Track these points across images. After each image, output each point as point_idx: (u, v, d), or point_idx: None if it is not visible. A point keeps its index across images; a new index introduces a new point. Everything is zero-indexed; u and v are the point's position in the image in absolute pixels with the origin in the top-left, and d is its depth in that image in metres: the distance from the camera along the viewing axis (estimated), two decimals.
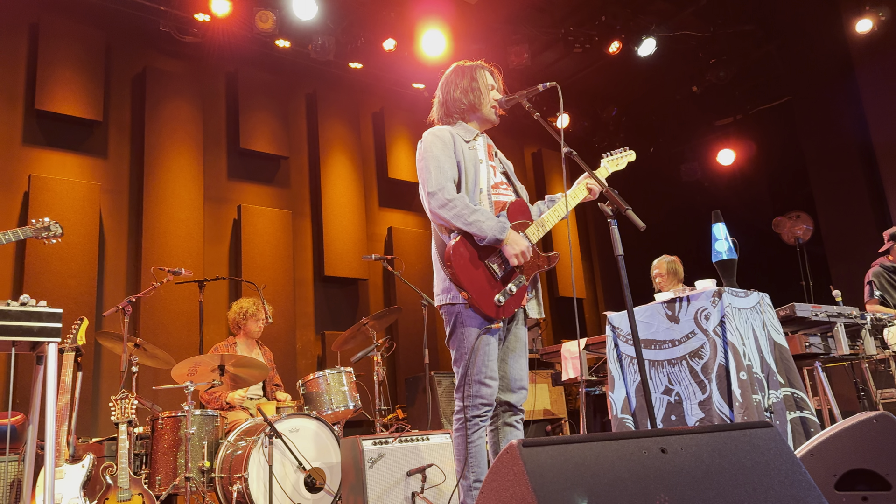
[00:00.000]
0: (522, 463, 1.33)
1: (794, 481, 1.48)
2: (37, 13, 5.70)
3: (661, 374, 3.22)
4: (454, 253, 2.77)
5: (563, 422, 6.72)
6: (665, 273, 5.43)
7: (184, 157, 6.15)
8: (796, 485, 1.47)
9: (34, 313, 1.85)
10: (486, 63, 3.17)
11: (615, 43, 7.36)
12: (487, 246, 2.79)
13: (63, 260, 5.29)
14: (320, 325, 6.80)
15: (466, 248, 2.78)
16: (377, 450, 3.83)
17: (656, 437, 1.46)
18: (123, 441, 3.65)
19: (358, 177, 7.28)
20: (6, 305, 1.83)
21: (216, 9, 6.00)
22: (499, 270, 2.80)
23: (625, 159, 3.32)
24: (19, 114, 5.56)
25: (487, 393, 2.76)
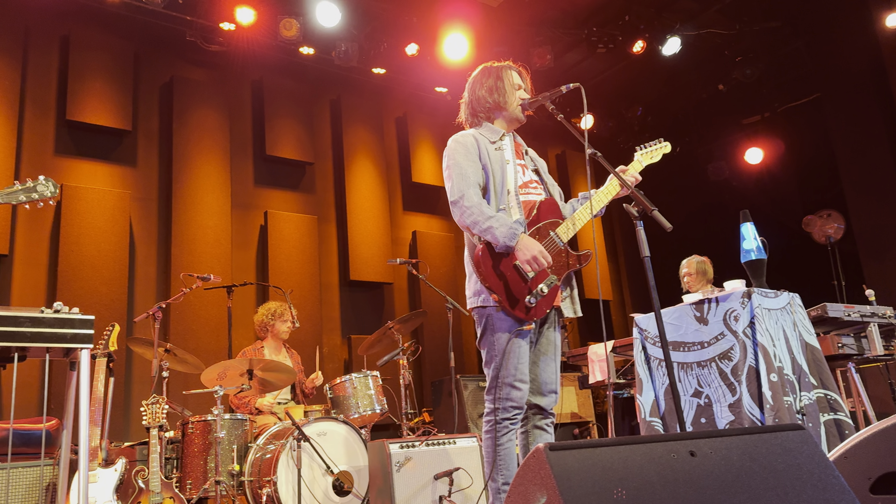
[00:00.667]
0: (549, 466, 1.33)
1: (826, 485, 1.45)
2: (68, 26, 5.82)
3: (690, 376, 3.18)
4: (482, 256, 2.78)
5: (590, 425, 6.68)
6: (694, 273, 5.37)
7: (211, 164, 6.23)
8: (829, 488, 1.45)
9: (67, 320, 1.89)
10: (514, 63, 3.17)
11: (639, 42, 7.31)
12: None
13: (95, 267, 5.39)
14: (346, 329, 6.84)
15: (495, 251, 2.78)
16: (404, 453, 3.84)
17: (685, 441, 1.44)
18: (155, 445, 3.71)
19: (382, 181, 7.31)
20: (40, 313, 1.87)
21: (241, 18, 6.08)
22: (529, 271, 2.79)
23: (660, 152, 3.26)
24: (51, 125, 5.68)
25: (517, 396, 2.75)
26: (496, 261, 2.78)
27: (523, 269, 2.75)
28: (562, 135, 8.83)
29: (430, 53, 7.02)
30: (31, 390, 5.03)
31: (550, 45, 7.22)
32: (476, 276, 2.84)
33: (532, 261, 2.72)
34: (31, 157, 5.49)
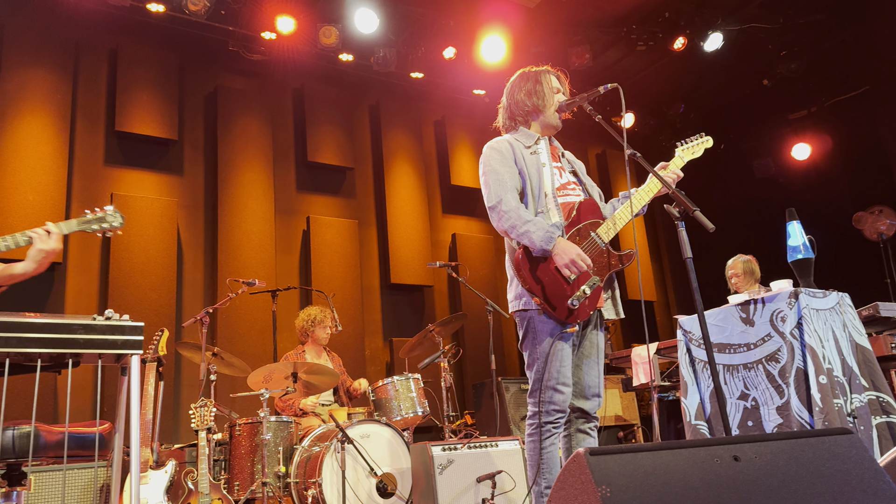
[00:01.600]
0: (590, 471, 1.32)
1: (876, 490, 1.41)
2: (116, 40, 6.00)
3: (736, 378, 3.12)
4: (522, 259, 2.78)
5: (635, 428, 6.59)
6: (741, 273, 5.25)
7: (255, 171, 6.35)
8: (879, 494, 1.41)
9: (118, 327, 1.95)
10: (552, 68, 3.16)
11: (680, 39, 7.20)
12: None
13: (144, 274, 5.54)
14: (388, 332, 6.89)
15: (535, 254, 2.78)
16: (446, 456, 3.85)
17: (729, 445, 1.42)
18: (203, 447, 3.79)
19: (421, 185, 7.35)
20: (92, 320, 1.94)
21: (281, 27, 6.19)
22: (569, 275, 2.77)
23: (701, 146, 3.19)
24: (101, 135, 5.86)
25: (560, 399, 2.74)
26: (536, 264, 2.77)
27: (563, 272, 2.74)
28: (602, 134, 8.72)
29: (467, 56, 7.03)
30: (85, 395, 5.19)
31: (589, 44, 7.17)
32: (517, 279, 2.84)
33: (570, 264, 2.70)
34: (82, 167, 5.68)
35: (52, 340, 1.89)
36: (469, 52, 7.00)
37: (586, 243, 2.85)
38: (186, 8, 5.81)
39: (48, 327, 1.89)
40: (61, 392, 5.13)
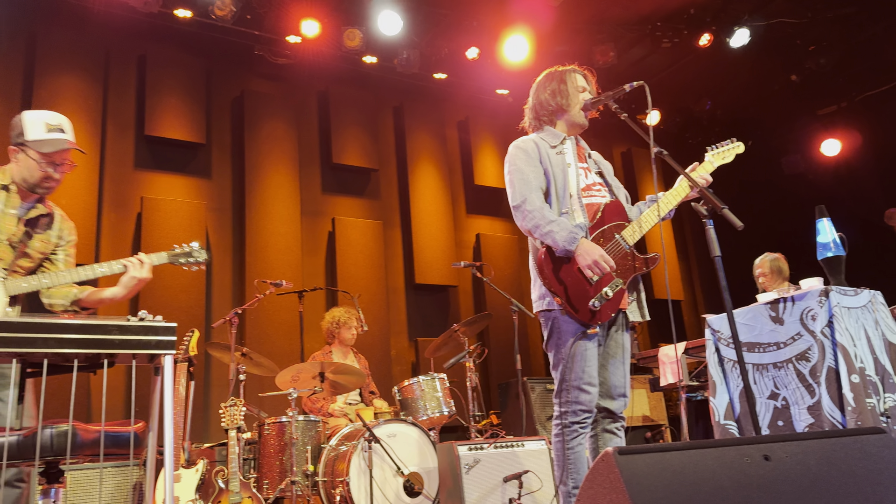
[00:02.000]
0: (618, 471, 1.32)
1: None
2: (144, 46, 6.10)
3: (765, 377, 3.09)
4: (545, 259, 2.78)
5: (663, 428, 6.54)
6: (768, 272, 5.18)
7: (281, 174, 6.42)
8: None
9: (151, 328, 1.99)
10: (579, 67, 3.15)
11: (706, 35, 7.13)
12: None
13: (174, 275, 5.63)
14: (413, 332, 6.92)
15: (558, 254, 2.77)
16: (473, 455, 3.86)
17: (759, 444, 1.41)
18: (233, 446, 3.85)
19: (445, 185, 7.37)
20: (126, 321, 1.98)
21: (306, 30, 6.25)
22: (592, 276, 2.77)
23: (732, 152, 3.16)
24: (131, 140, 5.97)
25: (586, 399, 2.73)
26: (559, 264, 2.77)
27: (585, 273, 2.74)
28: (627, 132, 8.66)
29: (490, 56, 7.03)
30: (117, 394, 5.29)
31: (613, 41, 7.12)
32: (540, 279, 2.84)
33: (593, 265, 2.70)
34: (112, 171, 5.78)
35: (88, 341, 1.93)
36: (492, 52, 7.00)
37: (610, 245, 2.84)
38: (213, 13, 5.89)
39: (84, 328, 1.94)
40: (94, 392, 5.23)
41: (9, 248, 2.72)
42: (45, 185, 2.78)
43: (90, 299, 2.87)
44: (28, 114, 2.75)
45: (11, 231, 2.73)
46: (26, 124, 2.72)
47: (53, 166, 2.75)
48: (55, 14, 5.74)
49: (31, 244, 2.80)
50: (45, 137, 2.72)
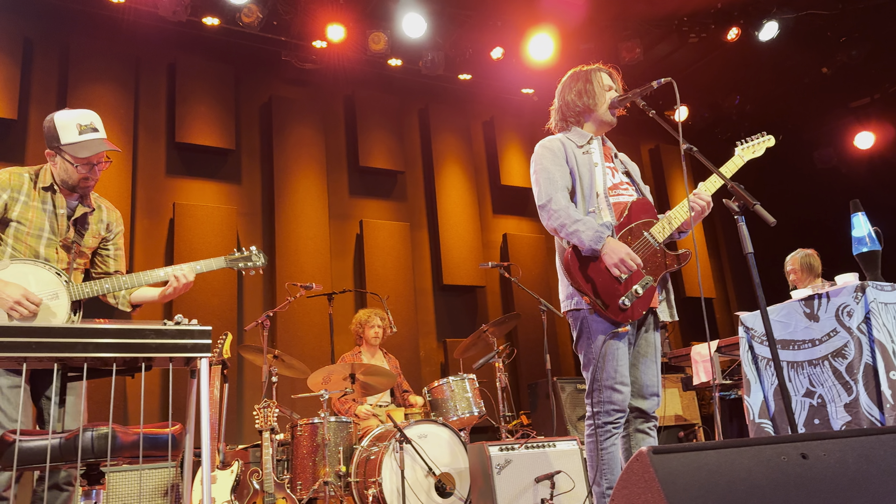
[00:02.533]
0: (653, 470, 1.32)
1: None
2: (173, 54, 6.21)
3: (801, 375, 3.04)
4: (572, 258, 2.77)
5: (696, 428, 6.46)
6: (799, 269, 5.10)
7: (309, 178, 6.49)
8: None
9: (187, 331, 2.03)
10: (604, 65, 3.13)
11: (733, 30, 7.04)
12: None
13: (207, 280, 5.72)
14: (441, 333, 6.93)
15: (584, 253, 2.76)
16: (504, 456, 3.86)
17: (796, 443, 1.40)
18: (267, 448, 3.89)
19: (471, 186, 7.38)
20: (163, 325, 2.02)
21: (332, 35, 6.30)
22: (620, 274, 2.75)
23: (763, 145, 3.12)
24: (162, 147, 6.08)
25: (619, 399, 2.71)
26: (587, 263, 2.76)
27: (612, 272, 2.72)
28: (654, 129, 8.61)
29: (515, 56, 7.03)
30: (152, 398, 5.40)
31: (639, 38, 7.07)
32: (567, 279, 2.83)
33: (619, 263, 2.68)
34: (145, 179, 5.89)
35: (127, 345, 1.97)
36: (517, 52, 6.99)
37: (638, 243, 2.82)
38: (240, 20, 5.97)
39: (122, 333, 1.98)
40: (130, 395, 5.33)
41: (63, 250, 2.78)
42: (84, 186, 2.83)
43: (138, 298, 2.96)
44: (59, 116, 2.77)
45: (63, 232, 2.79)
46: (59, 128, 2.75)
47: (90, 167, 2.79)
48: (87, 25, 5.86)
49: (84, 241, 2.87)
50: (79, 140, 2.75)
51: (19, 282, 2.59)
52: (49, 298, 2.64)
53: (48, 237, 2.74)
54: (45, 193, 2.78)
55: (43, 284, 2.65)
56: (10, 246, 2.69)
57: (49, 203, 2.77)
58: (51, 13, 5.76)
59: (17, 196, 2.72)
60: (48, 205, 2.77)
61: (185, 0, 5.69)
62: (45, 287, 2.65)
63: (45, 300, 2.62)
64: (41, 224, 2.74)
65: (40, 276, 2.66)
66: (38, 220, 2.74)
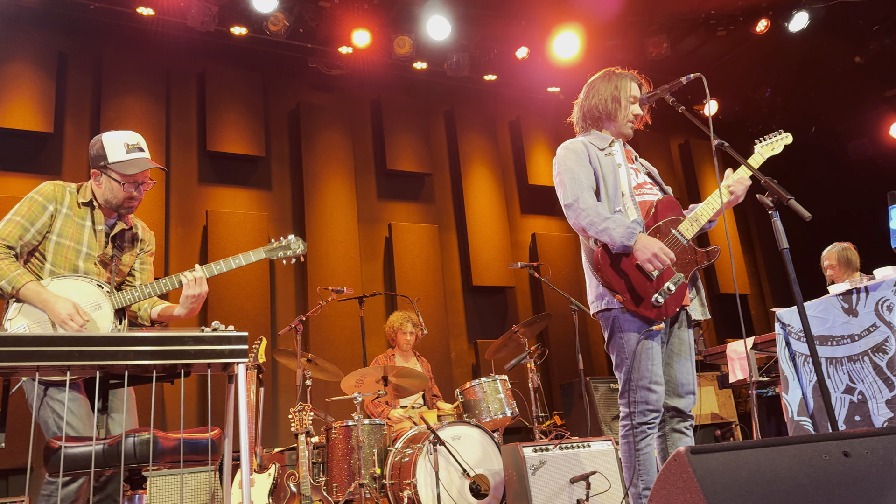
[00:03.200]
0: (692, 470, 1.31)
1: None
2: (203, 64, 6.31)
3: (840, 371, 2.98)
4: (602, 257, 2.75)
5: (733, 426, 6.38)
6: (836, 263, 5.00)
7: (338, 182, 6.55)
8: None
9: (224, 337, 2.06)
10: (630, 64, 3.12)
11: (762, 21, 6.93)
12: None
13: (240, 285, 5.80)
14: (472, 335, 6.94)
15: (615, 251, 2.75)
16: (538, 457, 3.85)
17: (838, 440, 1.38)
18: (303, 450, 3.93)
19: (498, 186, 7.37)
20: (201, 331, 2.06)
21: (357, 41, 6.35)
22: (653, 270, 2.73)
23: (781, 143, 3.10)
24: (194, 156, 6.18)
25: (654, 398, 2.69)
26: (617, 262, 2.74)
27: (645, 268, 2.70)
28: (684, 123, 8.46)
29: (540, 55, 7.01)
30: (189, 403, 5.49)
31: (666, 33, 7.00)
32: (596, 278, 2.81)
33: (653, 258, 2.66)
34: (178, 187, 6.00)
35: (166, 352, 2.01)
36: (542, 51, 6.97)
37: (667, 240, 2.80)
38: (267, 29, 6.05)
39: (162, 340, 2.02)
40: (168, 400, 5.42)
41: (101, 265, 2.82)
42: (128, 205, 2.86)
43: (163, 315, 2.96)
44: (107, 136, 2.83)
45: (101, 248, 2.82)
46: (107, 147, 2.80)
47: (135, 186, 2.83)
48: (119, 38, 5.99)
49: (124, 259, 2.91)
50: (127, 158, 2.79)
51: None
52: (92, 309, 2.68)
53: (87, 252, 2.78)
54: (84, 209, 2.81)
55: (84, 296, 2.69)
56: (48, 261, 2.72)
57: (88, 219, 2.81)
58: (83, 27, 5.89)
59: (61, 209, 2.76)
60: (87, 220, 2.81)
61: (212, 10, 5.79)
62: (88, 298, 2.70)
63: (89, 311, 2.66)
64: (80, 238, 2.77)
65: (81, 288, 2.71)
66: (78, 234, 2.77)
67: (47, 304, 2.59)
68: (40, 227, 2.71)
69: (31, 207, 2.72)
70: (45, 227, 2.73)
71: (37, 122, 5.43)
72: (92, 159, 2.84)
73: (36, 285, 2.62)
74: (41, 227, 2.72)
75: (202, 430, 2.36)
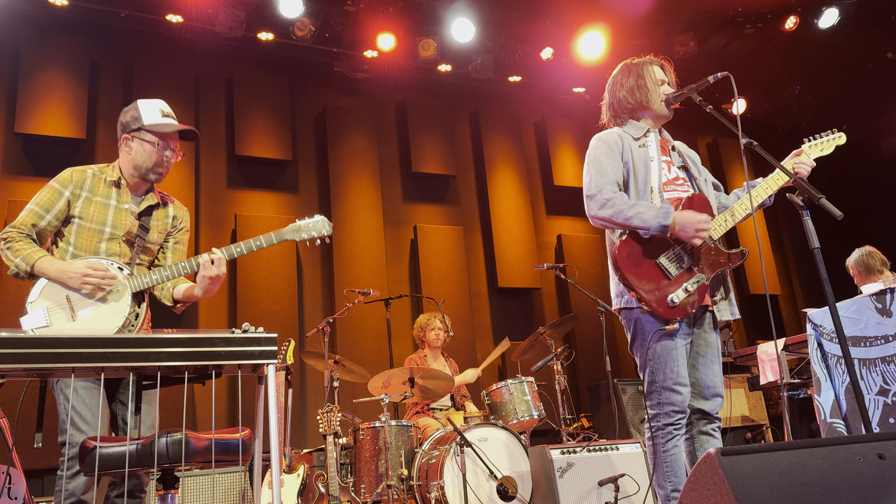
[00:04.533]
0: (723, 472, 1.30)
1: None
2: (230, 69, 6.40)
3: (873, 373, 2.93)
4: (620, 253, 2.72)
5: (764, 428, 6.28)
6: (857, 272, 4.88)
7: (363, 185, 6.59)
8: None
9: (254, 339, 2.09)
10: (655, 57, 3.08)
11: (791, 18, 6.84)
12: (658, 243, 2.71)
13: (268, 288, 5.87)
14: (498, 336, 6.92)
15: (634, 248, 2.71)
16: (566, 459, 3.84)
17: (872, 442, 1.35)
18: (331, 451, 3.96)
19: (523, 187, 7.36)
20: (231, 333, 2.08)
21: (382, 44, 6.40)
22: (672, 268, 2.70)
23: (832, 143, 2.97)
24: (223, 161, 6.26)
25: (678, 400, 2.66)
26: (636, 258, 2.71)
27: (693, 244, 2.67)
28: (712, 122, 8.33)
29: (565, 55, 6.99)
30: (219, 403, 5.56)
31: (693, 31, 6.94)
32: (616, 274, 2.79)
33: (697, 233, 2.63)
34: (207, 191, 6.09)
35: (197, 354, 2.04)
36: (567, 51, 6.95)
37: None
38: (293, 34, 6.12)
39: (193, 342, 2.05)
40: (198, 402, 5.50)
41: (126, 245, 2.80)
42: (158, 171, 2.83)
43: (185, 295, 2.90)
44: (142, 101, 2.85)
45: (127, 227, 2.80)
46: (143, 110, 2.82)
47: (167, 150, 2.83)
48: (149, 45, 6.10)
49: (149, 237, 2.88)
50: (162, 121, 2.82)
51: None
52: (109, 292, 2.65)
53: (111, 232, 2.76)
54: (109, 189, 2.80)
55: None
56: (71, 244, 2.71)
57: (113, 198, 2.79)
58: (115, 35, 6.01)
59: (80, 192, 2.75)
60: (112, 200, 2.79)
61: (240, 17, 5.86)
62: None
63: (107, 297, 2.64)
64: (103, 219, 2.76)
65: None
66: (101, 215, 2.76)
67: (62, 272, 2.57)
68: (57, 213, 2.71)
69: (48, 194, 2.72)
70: (63, 213, 2.72)
71: (69, 129, 5.55)
72: (123, 126, 2.83)
73: (49, 259, 2.62)
74: (58, 213, 2.71)
75: (233, 431, 2.39)
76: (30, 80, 5.50)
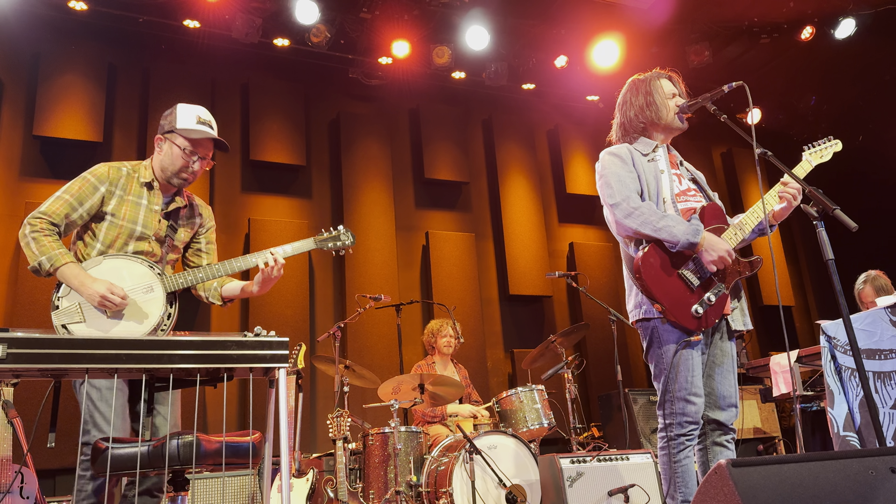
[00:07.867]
0: (733, 484, 1.29)
1: None
2: (246, 75, 6.45)
3: (888, 386, 2.90)
4: (643, 263, 2.71)
5: (776, 441, 6.23)
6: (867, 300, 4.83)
7: (376, 191, 6.61)
8: None
9: (266, 342, 2.10)
10: (663, 69, 3.07)
11: (807, 29, 6.81)
12: (679, 253, 2.70)
13: (280, 293, 5.89)
14: (509, 344, 6.92)
15: (657, 258, 2.71)
16: (575, 468, 3.82)
17: (885, 456, 1.34)
18: (341, 456, 3.97)
19: (536, 195, 7.36)
20: (243, 337, 2.10)
21: (397, 51, 6.43)
22: (694, 279, 2.69)
23: (830, 150, 3.02)
24: (237, 165, 6.31)
25: (693, 410, 2.65)
26: (657, 270, 2.71)
27: (709, 268, 2.67)
28: (726, 132, 8.32)
29: (579, 63, 6.99)
30: (230, 406, 5.58)
31: (707, 40, 6.92)
32: (637, 285, 2.78)
33: (720, 260, 2.64)
34: (222, 196, 6.13)
35: (210, 356, 2.06)
36: (581, 60, 6.96)
37: None
38: (309, 40, 6.17)
39: (205, 344, 2.07)
40: (210, 404, 5.53)
41: (157, 244, 2.83)
42: (183, 176, 2.84)
43: (230, 293, 2.98)
44: (183, 105, 2.86)
45: (156, 227, 2.83)
46: (179, 114, 2.83)
47: (195, 156, 2.83)
48: (166, 50, 6.17)
49: (177, 236, 2.92)
50: (196, 127, 2.82)
51: (113, 277, 2.63)
52: (144, 292, 2.68)
53: (141, 231, 2.78)
54: (141, 189, 2.82)
55: (137, 278, 2.70)
56: (99, 241, 2.72)
57: (144, 199, 2.81)
58: (132, 40, 6.08)
59: (114, 190, 2.76)
60: (143, 200, 2.81)
61: (256, 23, 5.92)
62: (139, 280, 2.70)
63: (140, 294, 2.66)
64: (134, 218, 2.78)
65: (133, 269, 2.71)
66: (132, 214, 2.77)
67: (83, 286, 2.57)
68: (89, 208, 2.71)
69: (83, 187, 2.72)
70: (95, 208, 2.73)
71: (87, 132, 5.62)
72: (161, 126, 2.86)
73: (75, 267, 2.61)
74: (90, 208, 2.72)
75: (243, 434, 2.40)
76: (49, 83, 5.57)
